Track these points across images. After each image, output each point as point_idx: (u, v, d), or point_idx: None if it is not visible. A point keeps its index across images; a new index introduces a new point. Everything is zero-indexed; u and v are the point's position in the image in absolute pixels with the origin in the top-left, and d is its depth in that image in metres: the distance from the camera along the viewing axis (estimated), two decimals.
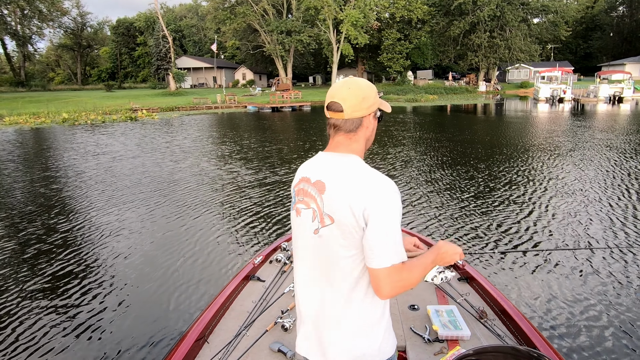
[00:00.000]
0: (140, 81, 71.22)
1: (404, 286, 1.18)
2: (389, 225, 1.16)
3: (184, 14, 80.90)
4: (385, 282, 1.15)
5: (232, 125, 21.59)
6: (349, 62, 51.82)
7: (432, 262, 1.28)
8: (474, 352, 1.33)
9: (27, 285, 4.31)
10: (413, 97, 39.06)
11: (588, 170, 8.85)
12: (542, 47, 50.62)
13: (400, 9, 44.43)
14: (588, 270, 4.30)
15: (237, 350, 2.06)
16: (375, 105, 1.31)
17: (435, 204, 6.78)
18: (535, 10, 45.61)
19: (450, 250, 1.33)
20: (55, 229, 6.00)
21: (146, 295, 4.06)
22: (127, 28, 72.11)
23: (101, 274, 4.54)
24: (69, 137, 17.19)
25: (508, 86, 53.25)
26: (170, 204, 7.09)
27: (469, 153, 11.39)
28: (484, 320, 2.25)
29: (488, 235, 5.35)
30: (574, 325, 3.40)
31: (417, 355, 2.00)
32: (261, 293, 2.61)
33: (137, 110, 28.64)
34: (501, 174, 8.73)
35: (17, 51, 55.98)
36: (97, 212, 6.72)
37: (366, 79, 1.33)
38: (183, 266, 4.66)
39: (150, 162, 11.09)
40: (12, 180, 9.35)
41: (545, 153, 10.96)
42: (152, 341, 3.32)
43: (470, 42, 46.52)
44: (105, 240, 5.49)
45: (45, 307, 3.90)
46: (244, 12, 43.34)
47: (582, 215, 6.01)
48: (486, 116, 24.57)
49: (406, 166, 9.85)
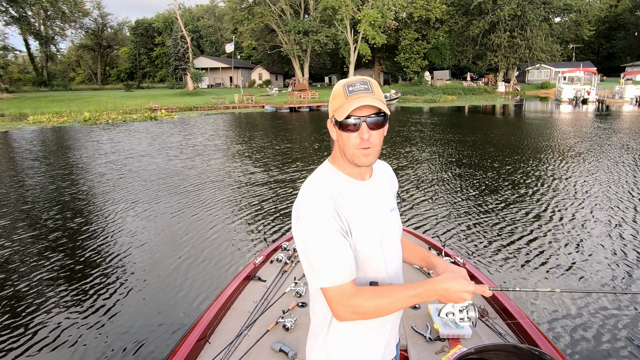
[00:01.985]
0: (157, 81, 72.19)
1: (368, 313, 1.08)
2: (303, 243, 1.11)
3: (201, 15, 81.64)
4: (331, 303, 1.09)
5: (253, 126, 21.61)
6: (365, 63, 51.58)
7: (418, 295, 1.08)
8: (475, 351, 1.28)
9: (43, 266, 4.40)
10: (431, 98, 38.64)
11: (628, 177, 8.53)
12: (563, 47, 49.53)
13: (418, 8, 43.97)
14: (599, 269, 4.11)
15: (238, 350, 2.06)
16: (331, 111, 1.16)
17: (459, 214, 6.59)
18: (558, 10, 44.57)
19: (453, 287, 1.08)
20: (79, 220, 6.06)
21: (159, 283, 4.07)
22: (146, 29, 73.18)
23: (125, 254, 4.63)
24: (96, 136, 17.42)
25: (528, 87, 52.29)
26: (217, 202, 7.09)
27: (504, 157, 11.12)
28: (485, 319, 2.24)
29: (521, 256, 5.16)
30: (575, 324, 3.40)
31: (419, 354, 2.01)
32: (262, 293, 2.61)
33: (156, 109, 28.95)
34: (536, 181, 8.48)
35: (40, 51, 57.25)
36: (130, 206, 6.76)
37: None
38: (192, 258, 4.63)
39: (183, 160, 11.14)
40: (52, 178, 9.48)
41: (580, 157, 10.64)
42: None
43: (490, 42, 45.77)
44: (133, 233, 5.54)
45: (62, 286, 4.02)
46: (261, 12, 43.51)
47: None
48: (508, 117, 24.09)
49: (430, 168, 9.67)
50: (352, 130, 1.10)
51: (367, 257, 1.16)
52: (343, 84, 1.12)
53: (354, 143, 1.11)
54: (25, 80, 60.19)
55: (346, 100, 1.10)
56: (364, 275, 1.18)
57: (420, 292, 1.08)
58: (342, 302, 1.07)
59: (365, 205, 1.18)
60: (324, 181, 1.16)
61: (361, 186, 1.20)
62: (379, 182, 1.27)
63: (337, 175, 1.19)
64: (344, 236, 1.09)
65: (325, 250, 1.06)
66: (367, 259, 1.17)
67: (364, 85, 1.10)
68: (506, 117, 23.96)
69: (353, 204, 1.15)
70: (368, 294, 1.08)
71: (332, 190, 1.12)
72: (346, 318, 1.09)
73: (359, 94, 1.09)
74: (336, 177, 1.18)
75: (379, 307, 1.07)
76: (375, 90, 1.11)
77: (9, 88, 46.74)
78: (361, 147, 1.11)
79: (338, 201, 1.11)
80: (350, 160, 1.15)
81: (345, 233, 1.10)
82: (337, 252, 1.07)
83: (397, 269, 1.28)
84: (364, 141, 1.10)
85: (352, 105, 1.08)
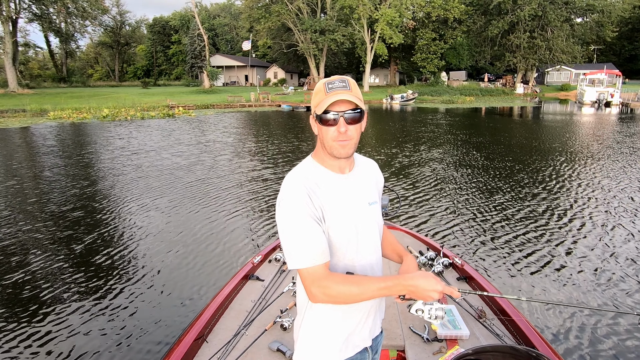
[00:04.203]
0: (173, 78, 72.84)
1: (337, 296, 1.15)
2: (279, 228, 1.19)
3: (217, 13, 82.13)
4: (305, 283, 1.17)
5: (271, 124, 21.54)
6: (381, 62, 51.23)
7: (388, 288, 1.16)
8: (472, 352, 1.30)
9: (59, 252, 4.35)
10: (449, 99, 38.19)
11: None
12: (584, 49, 48.50)
13: (436, 8, 43.44)
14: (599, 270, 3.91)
15: (236, 349, 2.06)
16: (312, 106, 1.26)
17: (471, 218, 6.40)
18: (580, 10, 43.64)
19: (422, 285, 1.15)
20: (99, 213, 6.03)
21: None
22: (163, 26, 73.90)
23: (141, 244, 4.57)
24: (119, 132, 17.55)
25: (547, 89, 51.34)
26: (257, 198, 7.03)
27: (533, 164, 10.86)
28: (483, 320, 2.26)
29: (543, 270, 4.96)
30: (572, 325, 3.41)
31: (416, 355, 2.01)
32: (260, 292, 2.61)
33: (173, 107, 29.12)
34: (561, 187, 8.22)
35: (60, 48, 58.21)
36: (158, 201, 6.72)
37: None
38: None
39: (206, 157, 11.12)
40: (87, 172, 9.54)
41: (605, 162, 10.32)
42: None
43: (509, 43, 45.08)
44: (153, 224, 5.49)
45: (77, 273, 4.12)
46: (278, 10, 43.49)
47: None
48: (526, 119, 23.62)
49: (441, 171, 9.46)
50: (331, 124, 1.20)
51: (340, 244, 1.24)
52: (324, 82, 1.22)
53: (332, 136, 1.21)
54: (45, 77, 61.35)
55: (326, 96, 1.20)
56: (338, 262, 1.26)
57: (390, 285, 1.15)
58: (315, 283, 1.15)
59: (341, 196, 1.26)
60: (302, 172, 1.26)
61: (340, 179, 1.28)
62: (359, 177, 1.34)
63: (316, 167, 1.28)
64: (317, 222, 1.18)
65: (297, 233, 1.15)
66: (341, 247, 1.25)
67: (342, 83, 1.21)
68: (524, 119, 23.49)
69: (328, 193, 1.24)
70: (340, 279, 1.16)
71: (309, 180, 1.23)
72: (319, 299, 1.16)
73: (337, 91, 1.19)
74: (315, 169, 1.28)
75: (349, 293, 1.14)
76: (353, 88, 1.21)
77: (29, 84, 47.68)
78: (339, 140, 1.21)
79: (312, 189, 1.20)
80: (329, 152, 1.24)
81: (318, 219, 1.18)
82: (308, 235, 1.15)
83: (372, 261, 1.33)
84: (341, 134, 1.20)
85: (329, 100, 1.18)
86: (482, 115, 26.26)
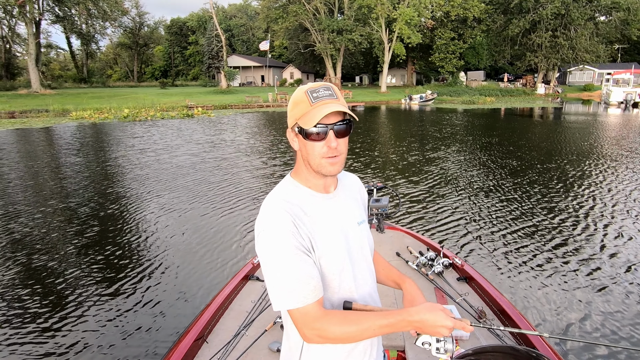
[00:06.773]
0: (190, 79, 73.57)
1: (335, 338, 1.01)
2: (262, 263, 1.05)
3: (234, 14, 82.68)
4: (297, 325, 1.04)
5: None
6: (399, 62, 50.79)
7: (391, 325, 1.01)
8: (472, 352, 1.26)
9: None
10: (469, 99, 37.60)
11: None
12: (608, 48, 47.25)
13: (456, 7, 42.86)
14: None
15: (236, 350, 2.05)
16: (293, 119, 1.08)
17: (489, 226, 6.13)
18: (604, 8, 42.51)
19: (430, 321, 0.99)
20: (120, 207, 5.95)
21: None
22: (180, 27, 74.71)
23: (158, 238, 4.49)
24: (143, 131, 17.67)
25: (569, 89, 50.19)
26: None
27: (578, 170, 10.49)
28: (483, 320, 2.25)
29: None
30: (572, 325, 3.38)
31: (416, 355, 2.00)
32: (260, 293, 2.59)
33: (192, 107, 29.29)
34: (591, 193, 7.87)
35: (81, 49, 59.31)
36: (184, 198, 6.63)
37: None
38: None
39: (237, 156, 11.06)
40: (109, 169, 9.56)
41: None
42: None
43: (530, 42, 44.20)
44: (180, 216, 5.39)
45: (92, 262, 4.27)
46: (296, 11, 43.47)
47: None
48: (548, 120, 23.02)
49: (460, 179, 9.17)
50: (318, 139, 1.05)
51: (334, 273, 1.10)
52: (305, 90, 1.06)
53: (320, 152, 1.06)
54: (66, 77, 62.55)
55: (312, 107, 1.04)
56: (334, 295, 1.11)
57: (393, 322, 1.01)
58: (308, 325, 1.02)
59: (329, 219, 1.12)
60: (283, 195, 1.10)
61: (325, 199, 1.14)
62: (345, 195, 1.21)
63: (298, 188, 1.13)
64: (305, 253, 1.03)
65: (283, 269, 1.00)
66: (335, 276, 1.10)
67: (328, 91, 1.06)
68: (545, 120, 22.89)
69: (315, 217, 1.09)
70: (336, 319, 1.02)
71: (292, 205, 1.07)
72: (313, 341, 1.04)
73: (325, 100, 1.04)
74: (297, 190, 1.12)
75: (347, 334, 1.01)
76: (339, 97, 1.07)
77: (51, 84, 48.65)
78: (328, 156, 1.06)
79: (298, 215, 1.05)
80: (316, 170, 1.09)
81: (306, 250, 1.04)
82: (296, 272, 1.00)
83: (370, 287, 1.20)
84: (331, 149, 1.05)
85: (321, 112, 1.01)
86: (516, 116, 25.69)
